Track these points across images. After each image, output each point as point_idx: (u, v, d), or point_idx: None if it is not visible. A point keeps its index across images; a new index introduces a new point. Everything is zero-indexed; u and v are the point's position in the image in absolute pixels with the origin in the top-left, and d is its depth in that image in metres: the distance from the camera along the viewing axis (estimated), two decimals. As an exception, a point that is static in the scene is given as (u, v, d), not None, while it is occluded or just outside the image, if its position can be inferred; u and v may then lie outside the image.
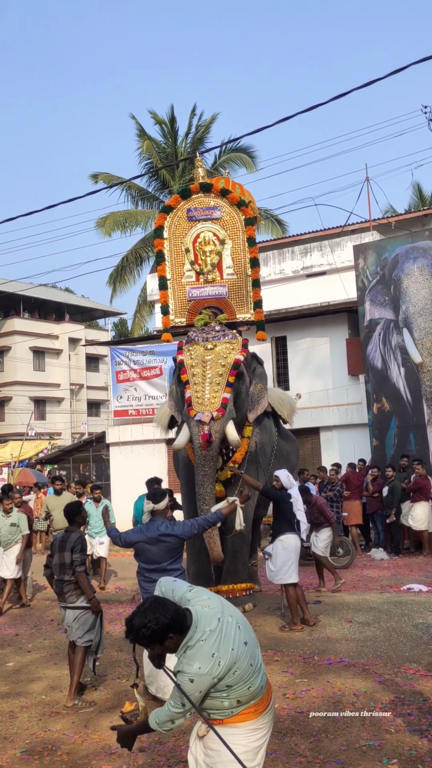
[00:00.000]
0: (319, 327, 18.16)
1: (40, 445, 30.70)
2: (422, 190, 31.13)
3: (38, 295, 41.48)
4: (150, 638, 2.84)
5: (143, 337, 24.58)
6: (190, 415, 7.89)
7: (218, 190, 9.18)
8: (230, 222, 9.16)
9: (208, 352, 8.27)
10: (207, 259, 9.15)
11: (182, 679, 2.82)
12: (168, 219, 9.30)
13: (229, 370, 8.12)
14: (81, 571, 6.07)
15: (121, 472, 19.98)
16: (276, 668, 6.38)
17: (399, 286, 15.35)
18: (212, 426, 7.72)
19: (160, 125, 29.11)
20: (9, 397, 40.34)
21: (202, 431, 7.69)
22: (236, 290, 9.20)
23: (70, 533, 6.26)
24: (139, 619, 2.85)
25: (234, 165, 28.78)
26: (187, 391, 8.12)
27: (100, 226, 27.88)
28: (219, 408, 7.83)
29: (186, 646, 2.87)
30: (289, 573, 7.79)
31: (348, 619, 8.04)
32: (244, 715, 2.97)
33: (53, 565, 6.22)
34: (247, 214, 9.13)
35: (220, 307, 9.15)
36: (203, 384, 8.04)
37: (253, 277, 9.16)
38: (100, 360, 44.46)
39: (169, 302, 9.32)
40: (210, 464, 7.84)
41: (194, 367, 8.22)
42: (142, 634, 2.83)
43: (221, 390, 7.98)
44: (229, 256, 9.15)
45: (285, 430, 10.23)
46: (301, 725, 5.08)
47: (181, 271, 9.30)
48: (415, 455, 14.15)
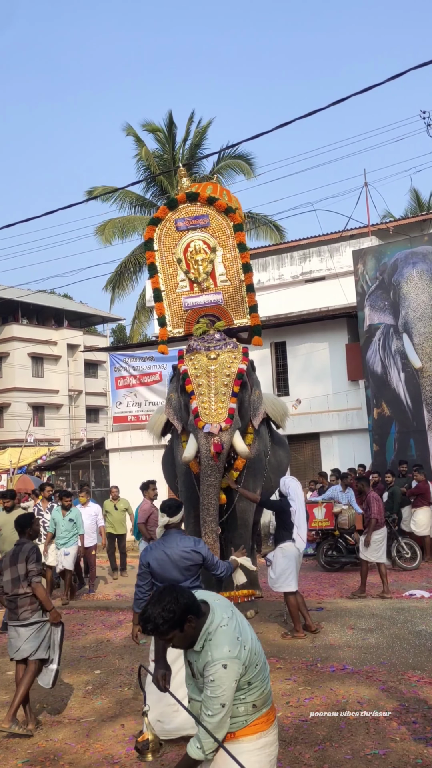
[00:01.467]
0: (318, 332, 18.16)
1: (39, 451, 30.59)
2: (419, 196, 31.24)
3: (36, 302, 41.48)
4: (170, 622, 2.74)
5: (142, 343, 24.57)
6: (198, 427, 7.91)
7: (205, 199, 9.09)
8: (219, 229, 9.12)
9: (212, 362, 8.29)
10: (200, 267, 9.13)
11: (215, 669, 2.74)
12: (157, 231, 9.28)
13: (233, 380, 8.17)
14: (38, 582, 5.67)
15: (120, 479, 19.89)
16: (279, 676, 6.35)
17: (398, 291, 15.36)
18: (221, 437, 7.77)
19: (156, 132, 29.17)
20: (7, 403, 40.28)
21: (212, 442, 7.73)
22: (231, 296, 9.18)
23: (22, 545, 5.81)
24: (156, 605, 2.77)
25: (232, 171, 28.84)
26: (192, 402, 8.13)
27: (99, 234, 27.93)
28: (226, 419, 7.88)
29: (207, 632, 2.82)
30: (288, 581, 7.76)
31: (350, 625, 8.01)
32: (257, 726, 2.90)
33: (4, 583, 5.75)
34: (236, 221, 9.09)
35: (217, 315, 9.15)
36: (209, 395, 8.08)
37: (246, 282, 9.12)
38: (99, 366, 44.45)
39: (165, 313, 9.32)
40: (216, 475, 7.88)
41: (199, 377, 8.23)
42: (162, 618, 2.74)
43: (227, 400, 8.04)
44: (221, 263, 9.12)
45: (278, 435, 10.23)
46: (305, 734, 5.04)
47: (175, 282, 9.29)
48: (415, 461, 14.14)
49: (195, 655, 2.90)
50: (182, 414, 8.62)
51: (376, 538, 9.70)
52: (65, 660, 7.60)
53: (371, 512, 9.66)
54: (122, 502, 13.50)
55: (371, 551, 9.71)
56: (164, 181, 28.29)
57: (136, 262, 29.06)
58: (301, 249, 20.87)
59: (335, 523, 11.90)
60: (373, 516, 9.65)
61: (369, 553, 9.72)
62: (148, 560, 5.09)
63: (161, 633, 2.78)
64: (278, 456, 9.84)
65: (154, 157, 28.54)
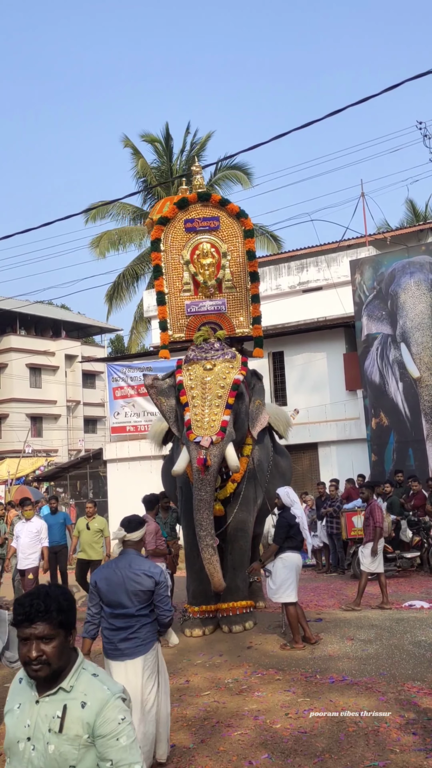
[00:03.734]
0: (316, 342, 18.18)
1: (37, 462, 30.55)
2: (416, 206, 31.36)
3: (34, 312, 41.51)
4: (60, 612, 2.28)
5: (140, 353, 24.59)
6: (190, 439, 7.75)
7: (217, 200, 8.98)
8: (229, 233, 8.94)
9: (207, 373, 8.12)
10: (206, 272, 8.93)
11: None
12: (165, 231, 9.05)
13: (228, 391, 7.97)
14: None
15: (118, 489, 19.89)
16: (278, 687, 6.31)
17: (396, 300, 15.39)
18: (211, 450, 7.59)
19: (154, 143, 29.31)
20: (5, 414, 40.22)
21: (199, 455, 7.56)
22: (235, 305, 9.02)
23: None
24: None
25: (229, 182, 28.99)
26: (186, 414, 7.97)
27: (94, 247, 27.98)
28: (218, 432, 7.70)
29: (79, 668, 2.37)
30: (288, 592, 7.70)
31: (349, 636, 7.96)
32: None
33: None
34: (247, 226, 8.92)
35: (219, 323, 9.00)
36: (202, 407, 7.90)
37: (252, 292, 8.97)
38: (97, 376, 44.45)
39: (167, 317, 9.16)
40: (207, 489, 7.67)
41: (193, 389, 8.06)
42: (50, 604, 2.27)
43: (221, 412, 7.85)
44: (228, 269, 8.94)
45: (279, 445, 10.16)
46: (305, 745, 5.00)
47: (179, 285, 9.10)
48: (414, 471, 14.11)
49: None
50: (179, 426, 8.49)
51: (377, 548, 9.62)
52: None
53: (374, 521, 9.58)
54: (97, 521, 11.23)
55: (371, 562, 9.63)
56: (161, 193, 28.39)
57: (134, 273, 29.13)
58: (299, 259, 20.92)
59: None
60: (377, 525, 9.57)
61: (368, 564, 9.64)
62: (95, 579, 4.66)
63: (46, 619, 2.23)
64: (281, 467, 9.75)
65: (151, 169, 28.67)
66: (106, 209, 28.07)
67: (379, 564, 9.70)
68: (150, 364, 19.88)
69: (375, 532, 9.52)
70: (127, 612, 4.52)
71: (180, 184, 9.72)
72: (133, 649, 4.54)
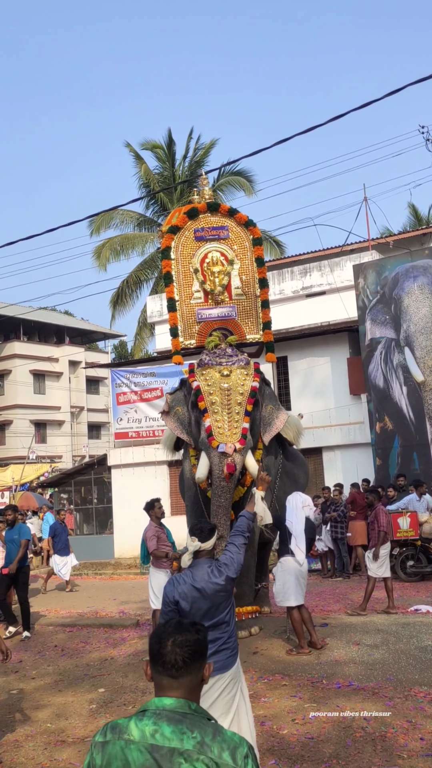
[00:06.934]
0: (319, 347, 18.18)
1: (41, 468, 30.57)
2: (418, 211, 31.40)
3: (38, 319, 41.60)
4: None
5: (144, 359, 24.61)
6: (212, 446, 7.78)
7: (226, 210, 9.17)
8: (238, 242, 9.12)
9: (225, 379, 8.15)
10: (215, 279, 9.07)
11: None
12: (175, 239, 9.22)
13: (246, 399, 8.04)
14: None
15: (122, 495, 19.89)
16: (284, 693, 6.29)
17: (399, 304, 15.39)
18: (235, 458, 7.66)
19: (156, 150, 29.40)
20: (9, 420, 40.29)
21: (226, 463, 7.62)
22: (245, 311, 9.16)
23: None
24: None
25: (232, 188, 29.05)
26: (206, 420, 7.97)
27: (96, 256, 28.06)
28: (240, 439, 7.77)
29: None
30: (288, 596, 7.67)
31: (356, 641, 7.94)
32: None
33: None
34: (255, 234, 9.09)
35: (230, 329, 9.08)
36: (223, 413, 7.95)
37: (262, 298, 9.15)
38: (101, 382, 44.49)
39: (178, 324, 9.24)
40: (227, 495, 7.76)
41: (212, 395, 8.08)
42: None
43: (241, 420, 7.91)
44: (238, 277, 9.09)
45: (292, 450, 10.09)
46: (312, 751, 4.99)
47: (189, 292, 9.23)
48: (417, 475, 14.07)
49: None
50: (191, 429, 8.49)
51: (382, 553, 9.58)
52: (69, 678, 7.56)
53: (379, 525, 9.54)
54: None
55: (378, 566, 9.59)
56: (164, 198, 28.46)
57: (137, 279, 29.18)
58: (302, 264, 20.95)
59: (419, 533, 11.81)
60: (382, 528, 9.51)
61: (376, 569, 9.58)
62: (175, 598, 4.14)
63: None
64: (292, 472, 9.63)
65: (154, 175, 28.75)
66: (110, 220, 28.16)
67: (386, 569, 9.65)
68: (154, 369, 19.90)
69: (379, 536, 9.48)
70: (219, 620, 4.18)
71: (183, 190, 9.83)
72: (224, 661, 4.12)
